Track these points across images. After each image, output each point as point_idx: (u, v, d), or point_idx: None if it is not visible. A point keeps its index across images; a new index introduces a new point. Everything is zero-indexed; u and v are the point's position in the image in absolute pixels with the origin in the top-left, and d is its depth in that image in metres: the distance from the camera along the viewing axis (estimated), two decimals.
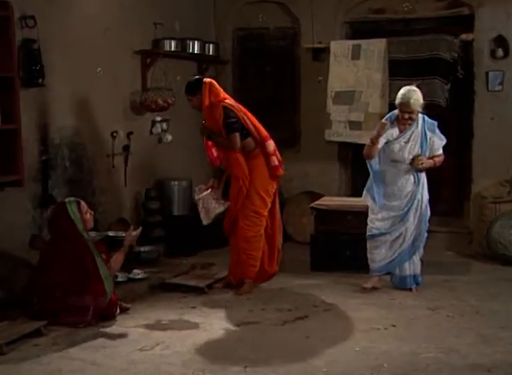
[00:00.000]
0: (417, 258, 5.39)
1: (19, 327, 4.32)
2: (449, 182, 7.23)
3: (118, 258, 4.77)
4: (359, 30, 7.35)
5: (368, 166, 5.34)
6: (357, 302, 5.11)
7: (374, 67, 6.77)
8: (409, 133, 5.24)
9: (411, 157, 5.22)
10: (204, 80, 5.31)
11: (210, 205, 5.50)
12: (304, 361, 3.94)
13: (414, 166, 5.21)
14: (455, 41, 6.69)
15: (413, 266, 5.37)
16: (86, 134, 5.91)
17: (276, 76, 7.67)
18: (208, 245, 6.63)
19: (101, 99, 6.08)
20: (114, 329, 4.53)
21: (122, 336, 4.38)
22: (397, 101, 5.22)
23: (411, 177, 5.28)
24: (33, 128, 5.36)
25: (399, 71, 6.77)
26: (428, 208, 5.37)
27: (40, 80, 5.24)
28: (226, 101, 5.27)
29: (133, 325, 4.59)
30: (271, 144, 5.38)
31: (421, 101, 5.18)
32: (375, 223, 5.39)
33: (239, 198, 5.34)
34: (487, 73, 6.73)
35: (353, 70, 6.84)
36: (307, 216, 6.68)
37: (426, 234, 5.39)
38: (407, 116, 5.18)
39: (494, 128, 6.77)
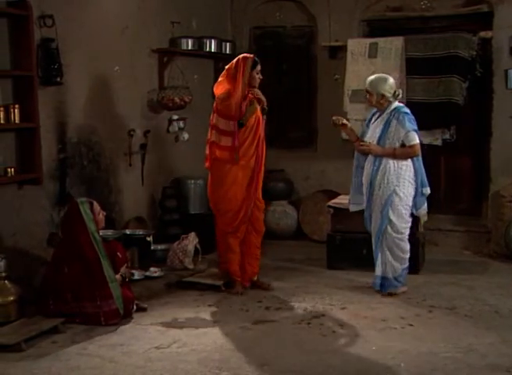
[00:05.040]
0: (386, 260, 5.17)
1: (38, 324, 4.35)
2: (467, 181, 7.16)
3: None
4: (376, 28, 7.31)
5: None
6: (373, 301, 5.09)
7: (391, 65, 6.72)
8: (379, 119, 5.24)
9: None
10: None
11: (184, 249, 5.79)
12: (321, 359, 3.93)
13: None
14: (473, 39, 6.62)
15: (380, 267, 5.20)
16: (103, 133, 5.94)
17: (293, 75, 7.66)
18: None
19: (118, 98, 6.11)
20: (131, 326, 4.55)
21: (138, 334, 4.40)
22: None
23: (372, 166, 5.18)
24: (52, 126, 5.40)
25: (416, 69, 6.72)
26: (399, 207, 5.12)
27: (58, 79, 5.27)
28: None
29: (149, 323, 4.61)
30: None
31: (384, 86, 5.14)
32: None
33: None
34: (506, 71, 6.65)
35: (370, 68, 6.80)
36: (324, 214, 6.67)
37: (399, 235, 5.16)
38: (367, 95, 5.24)
39: None
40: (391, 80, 5.26)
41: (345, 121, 5.48)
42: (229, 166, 5.23)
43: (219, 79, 5.35)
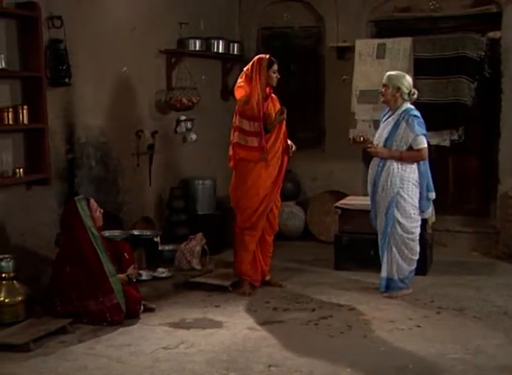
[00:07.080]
0: (394, 260, 5.18)
1: (46, 324, 4.37)
2: (476, 182, 7.14)
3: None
4: (384, 29, 7.30)
5: None
6: (381, 302, 5.08)
7: (399, 66, 6.69)
8: (389, 119, 5.23)
9: (376, 142, 5.25)
10: None
11: (191, 250, 5.80)
12: (328, 361, 3.92)
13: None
14: (482, 39, 6.60)
15: (385, 268, 5.21)
16: (111, 133, 5.95)
17: (301, 76, 7.65)
18: (232, 244, 6.63)
19: (126, 98, 6.13)
20: (138, 327, 4.55)
21: (146, 334, 4.40)
22: None
23: (376, 167, 5.23)
24: (60, 127, 5.42)
25: (424, 70, 6.70)
26: (407, 208, 5.12)
27: (66, 80, 5.29)
28: None
29: (157, 323, 4.61)
30: None
31: (402, 81, 5.16)
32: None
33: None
34: None
35: (378, 69, 6.79)
36: (331, 215, 6.66)
37: (409, 235, 5.16)
38: (382, 89, 5.23)
39: None
40: (409, 78, 5.30)
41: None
42: (252, 165, 5.30)
43: (238, 80, 5.41)
